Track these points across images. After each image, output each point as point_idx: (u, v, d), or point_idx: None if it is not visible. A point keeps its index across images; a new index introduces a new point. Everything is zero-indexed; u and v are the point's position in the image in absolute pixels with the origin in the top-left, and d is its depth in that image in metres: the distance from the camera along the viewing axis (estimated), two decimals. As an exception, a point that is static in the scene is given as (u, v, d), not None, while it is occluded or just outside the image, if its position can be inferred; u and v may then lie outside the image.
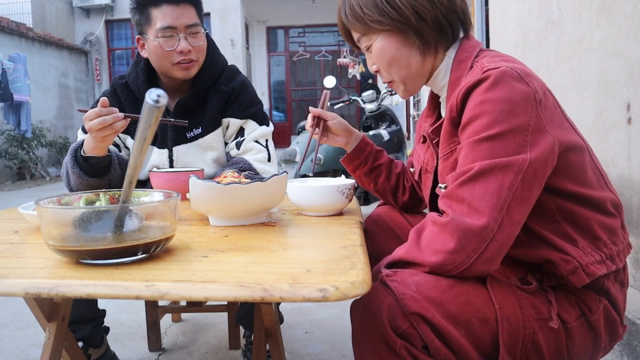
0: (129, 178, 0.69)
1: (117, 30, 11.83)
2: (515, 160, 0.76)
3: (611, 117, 1.97)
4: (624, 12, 1.86)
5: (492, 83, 0.79)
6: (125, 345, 1.87)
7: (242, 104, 1.52)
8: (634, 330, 1.58)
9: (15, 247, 0.83)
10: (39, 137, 8.47)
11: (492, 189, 0.75)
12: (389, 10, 0.92)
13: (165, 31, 1.39)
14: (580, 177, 0.84)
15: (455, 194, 0.77)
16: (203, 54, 1.48)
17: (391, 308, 0.73)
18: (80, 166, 1.30)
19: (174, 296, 0.60)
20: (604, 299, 0.85)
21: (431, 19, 0.92)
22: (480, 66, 0.84)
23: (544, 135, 0.79)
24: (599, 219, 0.84)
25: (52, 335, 1.08)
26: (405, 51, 0.96)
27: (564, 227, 0.83)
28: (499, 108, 0.78)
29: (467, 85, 0.83)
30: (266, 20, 13.02)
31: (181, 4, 1.41)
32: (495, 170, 0.75)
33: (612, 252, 0.84)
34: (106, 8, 11.22)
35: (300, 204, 1.08)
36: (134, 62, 1.54)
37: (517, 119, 0.77)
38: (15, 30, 8.71)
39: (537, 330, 0.79)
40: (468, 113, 0.82)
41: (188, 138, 1.50)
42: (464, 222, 0.74)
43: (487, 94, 0.79)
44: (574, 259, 0.81)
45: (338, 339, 1.86)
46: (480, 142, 0.78)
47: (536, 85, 0.81)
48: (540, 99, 0.80)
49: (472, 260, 0.73)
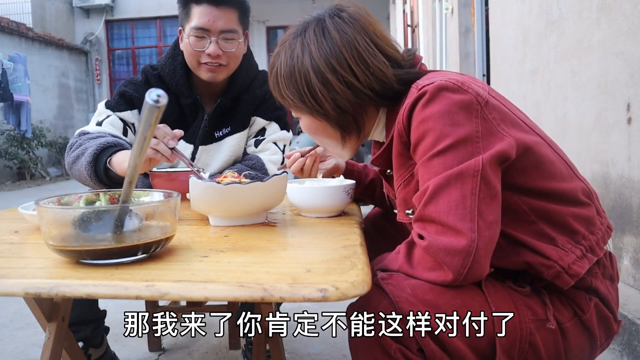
0: (129, 178, 0.69)
1: (117, 30, 11.83)
2: (468, 165, 0.74)
3: (611, 117, 1.97)
4: (624, 12, 1.86)
5: (429, 99, 0.79)
6: (125, 345, 1.87)
7: (270, 105, 1.53)
8: (634, 330, 1.57)
9: (15, 247, 0.83)
10: (39, 137, 8.48)
11: (455, 200, 0.74)
12: (310, 99, 0.90)
13: (197, 31, 1.36)
14: (549, 171, 0.83)
15: (423, 216, 0.77)
16: (235, 60, 1.44)
17: (386, 311, 0.72)
18: (98, 175, 1.22)
19: (174, 296, 0.60)
20: (594, 297, 0.84)
21: (353, 110, 0.90)
22: (416, 85, 0.83)
23: (497, 137, 0.78)
24: (573, 212, 0.83)
25: (52, 335, 1.08)
26: (330, 132, 0.96)
27: (541, 226, 0.81)
28: (441, 122, 0.77)
29: (407, 106, 0.82)
30: (266, 20, 13.01)
31: (222, 7, 1.36)
32: (452, 181, 0.74)
33: (592, 243, 0.83)
34: (106, 8, 11.23)
35: (305, 205, 1.07)
36: (170, 55, 1.47)
37: (463, 128, 0.77)
38: (15, 30, 8.72)
39: (534, 331, 0.78)
40: (414, 134, 0.81)
41: (215, 137, 1.50)
42: (441, 242, 0.73)
43: (426, 111, 0.79)
44: (555, 262, 0.79)
45: (338, 339, 1.86)
46: (431, 159, 0.77)
47: (476, 90, 0.80)
48: (487, 100, 0.80)
49: (463, 275, 0.73)
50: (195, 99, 1.46)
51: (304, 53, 0.89)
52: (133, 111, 1.43)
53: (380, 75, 0.88)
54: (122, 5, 11.37)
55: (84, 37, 11.34)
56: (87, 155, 1.22)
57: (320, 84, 0.88)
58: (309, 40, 0.90)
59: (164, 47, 11.07)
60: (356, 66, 0.87)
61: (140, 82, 1.47)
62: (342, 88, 0.88)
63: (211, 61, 1.38)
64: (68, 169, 1.31)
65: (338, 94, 0.88)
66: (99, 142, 1.23)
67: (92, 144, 1.24)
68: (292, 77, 0.91)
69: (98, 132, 1.34)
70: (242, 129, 1.52)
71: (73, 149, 1.29)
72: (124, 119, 1.41)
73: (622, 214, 1.92)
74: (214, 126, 1.50)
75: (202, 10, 1.35)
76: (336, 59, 0.87)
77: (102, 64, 11.55)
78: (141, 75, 1.49)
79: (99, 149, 1.22)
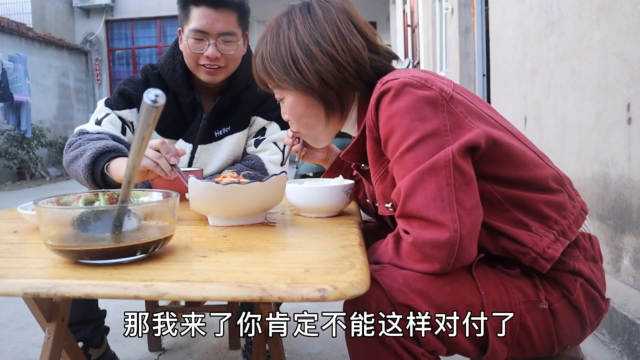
0: (128, 178, 0.69)
1: (117, 30, 11.84)
2: (438, 157, 0.76)
3: (611, 117, 1.97)
4: (624, 12, 1.86)
5: (394, 95, 0.81)
6: (125, 345, 1.87)
7: (270, 105, 1.53)
8: (634, 330, 1.57)
9: (14, 247, 0.83)
10: (39, 137, 8.48)
11: (433, 194, 0.75)
12: (294, 71, 0.93)
13: (196, 33, 1.35)
14: (519, 160, 0.85)
15: (404, 212, 0.78)
16: (234, 62, 1.44)
17: (379, 300, 0.74)
18: (94, 178, 1.23)
19: (172, 296, 0.60)
20: (579, 278, 0.86)
21: (337, 84, 0.93)
22: (380, 81, 0.86)
23: (465, 129, 0.79)
24: (544, 199, 0.85)
25: (51, 335, 1.08)
26: (314, 111, 0.98)
27: (514, 213, 0.84)
28: (408, 117, 0.79)
29: (373, 101, 0.85)
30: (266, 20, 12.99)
31: (220, 9, 1.35)
32: (425, 175, 0.76)
33: (564, 227, 0.85)
34: (106, 8, 11.23)
35: (304, 205, 1.07)
36: (169, 54, 1.48)
37: (430, 122, 0.78)
38: (15, 30, 8.72)
39: (525, 312, 0.80)
40: (382, 130, 0.83)
41: (215, 137, 1.50)
42: (425, 237, 0.74)
43: (392, 107, 0.81)
44: (529, 249, 0.82)
45: (338, 339, 1.86)
46: (402, 155, 0.79)
47: (440, 87, 0.82)
48: (451, 95, 0.81)
49: (451, 264, 0.74)
50: (194, 98, 1.46)
51: (289, 28, 0.95)
52: (132, 110, 1.43)
53: (356, 54, 0.93)
54: (122, 5, 11.38)
55: (84, 37, 11.35)
56: (85, 158, 1.22)
57: (305, 55, 0.93)
58: (294, 17, 0.96)
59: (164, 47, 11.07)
60: (336, 40, 0.92)
61: (139, 80, 1.47)
62: (325, 60, 0.92)
63: (209, 63, 1.38)
64: (66, 167, 1.32)
65: (322, 65, 0.92)
66: (98, 146, 1.23)
67: (90, 146, 1.24)
68: (278, 52, 0.95)
69: (98, 132, 1.34)
70: (242, 129, 1.52)
71: (72, 148, 1.30)
72: (122, 117, 1.41)
73: (622, 214, 1.92)
74: (214, 125, 1.50)
75: (201, 12, 1.34)
76: (319, 33, 0.93)
77: (102, 64, 11.55)
78: (141, 74, 1.49)
79: (97, 153, 1.22)
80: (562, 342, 0.85)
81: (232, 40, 1.39)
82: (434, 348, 0.76)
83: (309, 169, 4.02)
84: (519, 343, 0.81)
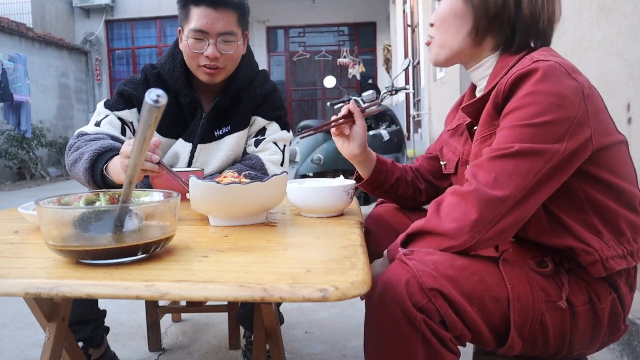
0: (129, 178, 0.69)
1: (117, 30, 11.83)
2: (550, 149, 0.79)
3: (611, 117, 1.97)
4: (624, 12, 1.86)
5: (542, 76, 0.81)
6: (125, 345, 1.87)
7: (270, 105, 1.53)
8: (634, 330, 1.58)
9: (15, 247, 0.83)
10: (39, 137, 8.47)
11: (522, 170, 0.78)
12: None
13: (196, 33, 1.35)
14: (617, 168, 0.87)
15: (486, 165, 0.81)
16: (233, 63, 1.44)
17: (410, 284, 0.75)
18: (95, 179, 1.23)
19: (174, 296, 0.60)
20: (613, 292, 0.87)
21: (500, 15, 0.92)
22: (530, 57, 0.86)
23: (584, 128, 0.81)
24: (626, 215, 0.86)
25: (52, 335, 1.08)
26: (462, 22, 0.95)
27: (592, 218, 0.85)
28: (549, 100, 0.80)
29: (516, 74, 0.84)
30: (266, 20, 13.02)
31: (220, 8, 1.34)
32: (531, 154, 0.79)
33: (633, 249, 0.87)
34: (106, 8, 11.23)
35: (304, 205, 1.07)
36: (170, 54, 1.48)
37: (566, 111, 0.80)
38: (15, 30, 8.72)
39: (545, 311, 0.82)
40: (515, 101, 0.83)
41: (215, 136, 1.50)
42: (486, 192, 0.78)
43: (537, 86, 0.81)
44: (596, 251, 0.84)
45: (338, 339, 1.86)
46: (524, 126, 0.81)
47: (583, 81, 0.83)
48: (588, 93, 0.83)
49: (487, 229, 0.77)
50: (194, 97, 1.46)
51: None
52: (132, 110, 1.43)
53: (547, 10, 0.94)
54: (122, 5, 11.37)
55: (84, 37, 11.34)
56: (84, 162, 1.22)
57: None
58: None
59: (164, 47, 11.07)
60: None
61: (139, 80, 1.47)
62: None
63: (209, 63, 1.38)
64: (68, 170, 1.33)
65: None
66: (95, 148, 1.23)
67: (88, 148, 1.24)
68: None
69: (96, 132, 1.34)
70: (242, 128, 1.52)
71: (72, 151, 1.30)
72: (122, 117, 1.41)
73: (622, 214, 1.92)
74: (213, 125, 1.50)
75: (201, 12, 1.34)
76: None
77: (102, 64, 11.55)
78: (141, 74, 1.49)
79: (95, 154, 1.22)
80: (573, 345, 0.86)
81: (232, 40, 1.38)
82: (460, 334, 0.77)
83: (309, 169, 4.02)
84: (534, 340, 0.83)
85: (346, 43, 12.76)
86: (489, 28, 0.94)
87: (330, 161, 4.03)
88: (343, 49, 11.90)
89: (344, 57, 10.65)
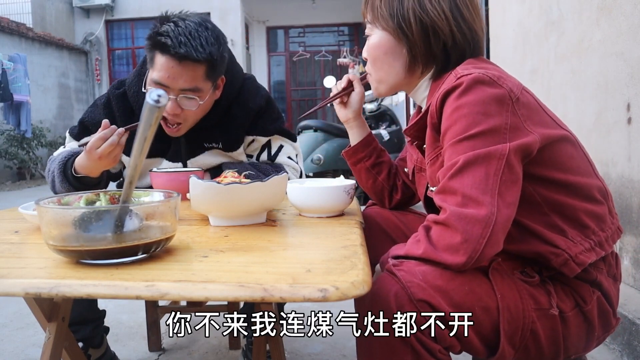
0: (129, 178, 0.69)
1: (117, 30, 11.83)
2: (495, 149, 0.78)
3: (611, 117, 1.97)
4: (624, 12, 1.86)
5: (465, 89, 0.82)
6: (125, 345, 1.87)
7: (267, 119, 1.46)
8: (634, 330, 1.58)
9: (16, 247, 0.83)
10: (39, 137, 8.47)
11: (480, 177, 0.77)
12: (398, 15, 0.95)
13: (157, 85, 1.25)
14: (567, 164, 0.86)
15: (448, 187, 0.80)
16: (196, 117, 1.34)
17: (398, 295, 0.74)
18: (70, 183, 1.26)
19: (174, 296, 0.60)
20: (597, 290, 0.87)
21: (433, 44, 0.94)
22: (455, 73, 0.87)
23: (520, 132, 0.81)
24: (585, 208, 0.86)
25: (52, 335, 1.08)
26: (393, 58, 0.99)
27: (553, 218, 0.85)
28: (474, 110, 0.81)
29: (442, 92, 0.86)
30: (266, 20, 13.01)
31: (185, 62, 1.21)
32: (479, 159, 0.78)
33: (601, 239, 0.87)
34: (106, 8, 11.22)
35: (305, 205, 1.07)
36: (136, 73, 1.41)
37: (494, 119, 0.80)
38: (15, 30, 8.71)
39: (536, 319, 0.81)
40: (446, 120, 0.85)
41: (206, 147, 1.44)
42: (462, 212, 0.76)
43: (460, 100, 0.82)
44: (563, 251, 0.83)
45: (338, 339, 1.86)
46: (461, 141, 0.81)
47: (510, 86, 0.83)
48: (518, 97, 0.83)
49: (482, 246, 0.75)
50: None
51: None
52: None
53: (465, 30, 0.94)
54: (122, 5, 11.37)
55: (84, 37, 11.33)
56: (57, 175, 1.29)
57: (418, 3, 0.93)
58: None
59: (164, 47, 11.03)
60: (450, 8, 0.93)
61: (100, 103, 1.42)
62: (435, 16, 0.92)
63: (169, 118, 1.30)
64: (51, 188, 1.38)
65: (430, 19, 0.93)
66: (59, 160, 1.30)
67: (55, 165, 1.31)
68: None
69: (59, 153, 1.38)
70: (235, 149, 1.45)
71: (48, 177, 1.36)
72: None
73: (622, 214, 1.92)
74: (203, 139, 1.43)
75: (164, 62, 1.22)
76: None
77: (102, 64, 11.54)
78: (105, 96, 1.44)
79: (62, 163, 1.28)
80: (567, 351, 0.86)
81: (194, 98, 1.27)
82: (449, 345, 0.77)
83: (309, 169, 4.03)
84: (526, 348, 0.82)
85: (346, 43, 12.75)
86: (423, 59, 0.97)
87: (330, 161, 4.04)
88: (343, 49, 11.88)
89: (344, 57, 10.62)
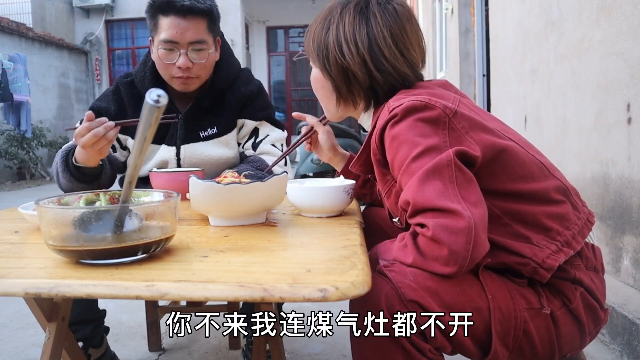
0: (129, 178, 0.69)
1: (117, 30, 11.83)
2: (440, 159, 0.79)
3: (611, 117, 1.97)
4: (624, 12, 1.86)
5: (398, 119, 0.85)
6: (125, 345, 1.87)
7: (258, 106, 1.52)
8: (634, 330, 1.58)
9: (15, 247, 0.83)
10: (39, 137, 8.47)
11: (439, 188, 0.77)
12: (322, 55, 0.99)
13: (166, 44, 1.34)
14: (519, 172, 0.86)
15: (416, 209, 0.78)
16: (206, 71, 1.43)
17: (389, 296, 0.74)
18: (71, 173, 1.29)
19: (174, 296, 0.60)
20: (579, 287, 0.87)
21: (353, 85, 0.98)
22: (387, 107, 0.89)
23: (465, 144, 0.82)
24: (545, 211, 0.86)
25: (52, 335, 1.08)
26: (328, 91, 1.04)
27: (515, 227, 0.85)
28: (411, 134, 0.83)
29: (379, 128, 0.89)
30: (266, 20, 13.02)
31: (189, 17, 1.33)
32: (430, 174, 0.78)
33: (567, 238, 0.86)
34: (106, 8, 11.23)
35: (305, 205, 1.07)
36: (142, 61, 1.50)
37: (432, 139, 0.82)
38: (15, 30, 8.71)
39: (528, 319, 0.81)
40: (389, 151, 0.87)
41: (201, 137, 1.49)
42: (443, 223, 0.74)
43: (395, 129, 0.85)
44: (530, 259, 0.83)
45: (338, 339, 1.86)
46: (408, 166, 0.82)
47: (444, 103, 0.84)
48: (455, 110, 0.84)
49: (469, 253, 0.74)
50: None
51: (339, 19, 0.98)
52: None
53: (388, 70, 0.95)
54: (122, 5, 11.37)
55: (84, 37, 11.33)
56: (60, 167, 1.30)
57: (338, 48, 0.97)
58: (348, 10, 0.98)
59: (164, 47, 11.03)
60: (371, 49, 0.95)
61: (109, 92, 1.50)
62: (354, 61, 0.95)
63: (182, 74, 1.38)
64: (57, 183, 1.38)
65: (348, 64, 0.96)
66: (63, 149, 1.32)
67: (59, 155, 1.32)
68: (320, 33, 1.01)
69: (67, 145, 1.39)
70: (229, 131, 1.51)
71: (54, 169, 1.37)
72: None
73: (622, 214, 1.92)
74: (197, 126, 1.49)
75: (170, 22, 1.33)
76: (361, 38, 0.95)
77: (102, 64, 11.54)
78: (114, 84, 1.52)
79: (64, 154, 1.30)
80: (562, 350, 0.86)
81: (203, 49, 1.37)
82: (440, 345, 0.77)
83: (309, 169, 4.02)
84: (521, 349, 0.82)
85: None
86: (350, 96, 1.01)
87: (330, 161, 4.03)
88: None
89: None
